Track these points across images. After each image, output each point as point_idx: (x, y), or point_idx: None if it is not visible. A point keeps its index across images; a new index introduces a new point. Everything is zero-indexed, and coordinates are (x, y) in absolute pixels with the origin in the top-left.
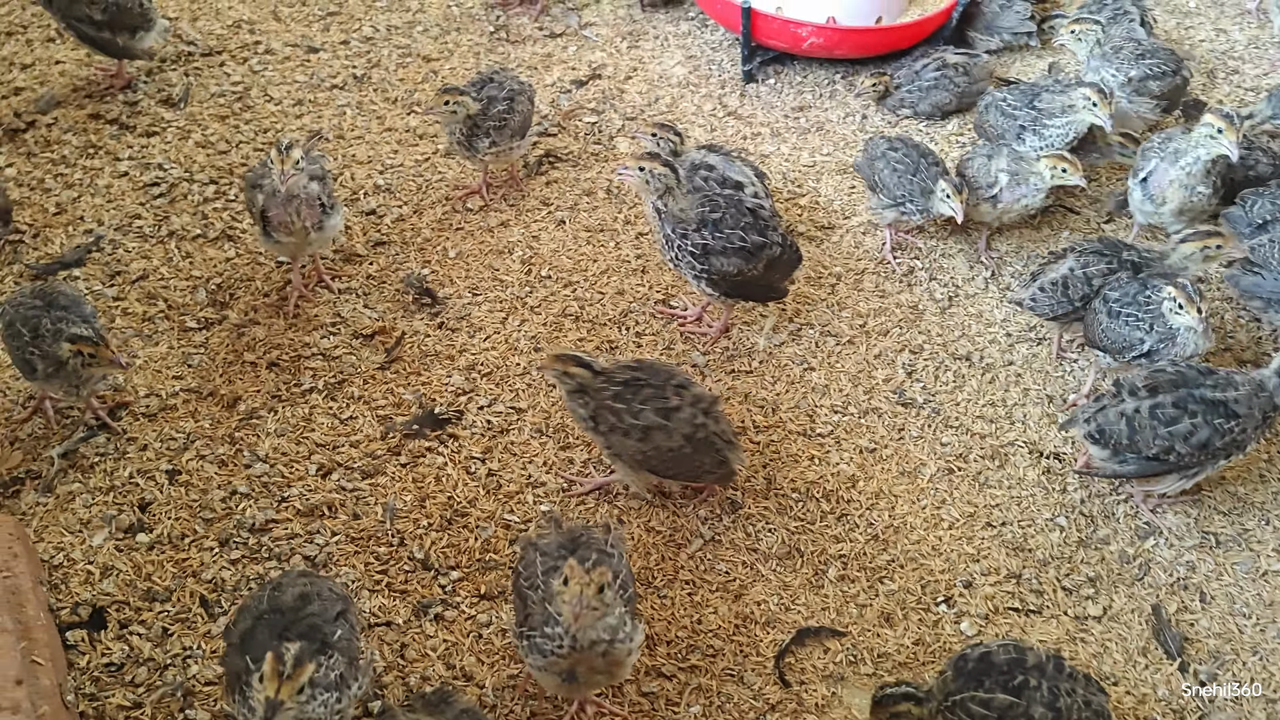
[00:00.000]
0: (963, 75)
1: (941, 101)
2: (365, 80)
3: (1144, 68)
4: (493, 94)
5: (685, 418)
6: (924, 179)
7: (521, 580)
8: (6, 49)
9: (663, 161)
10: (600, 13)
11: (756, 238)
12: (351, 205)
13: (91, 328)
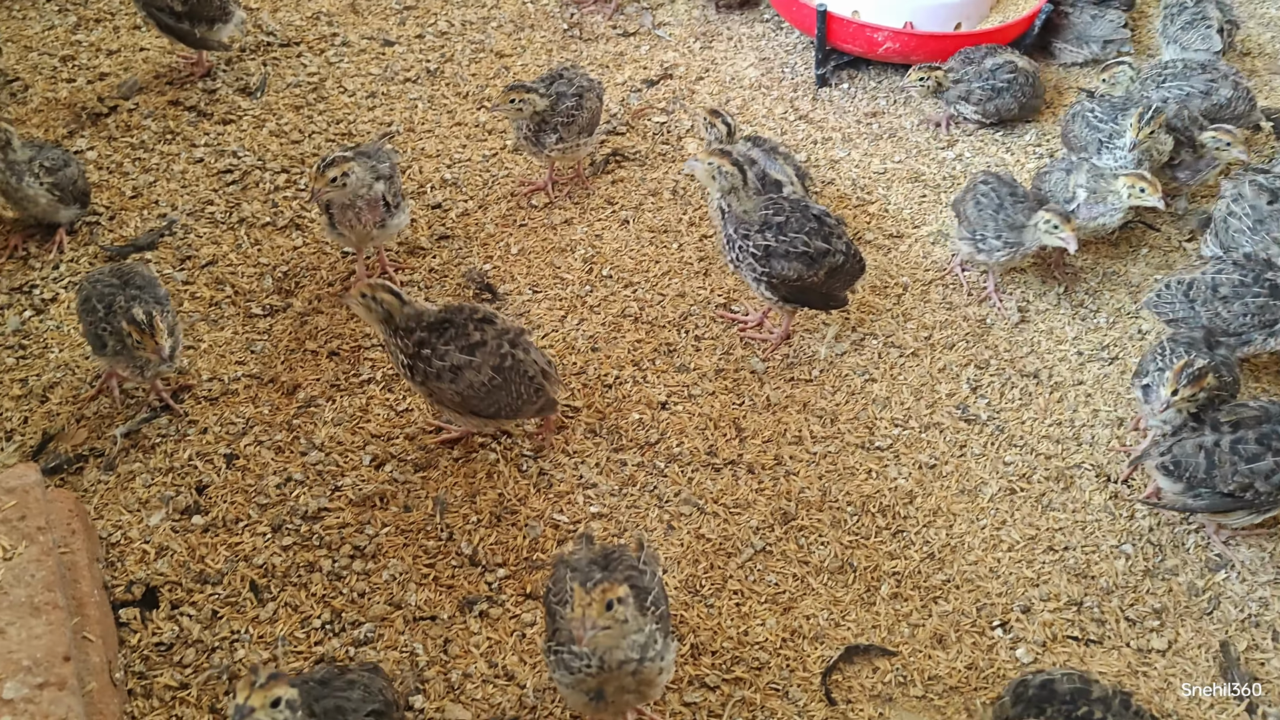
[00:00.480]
0: (1029, 85)
1: (1005, 106)
2: (438, 74)
3: (1189, 86)
4: (561, 90)
5: (490, 350)
6: (1009, 215)
7: (551, 596)
8: (94, 35)
9: (731, 160)
10: (674, 13)
11: (820, 243)
12: (418, 198)
13: (150, 313)
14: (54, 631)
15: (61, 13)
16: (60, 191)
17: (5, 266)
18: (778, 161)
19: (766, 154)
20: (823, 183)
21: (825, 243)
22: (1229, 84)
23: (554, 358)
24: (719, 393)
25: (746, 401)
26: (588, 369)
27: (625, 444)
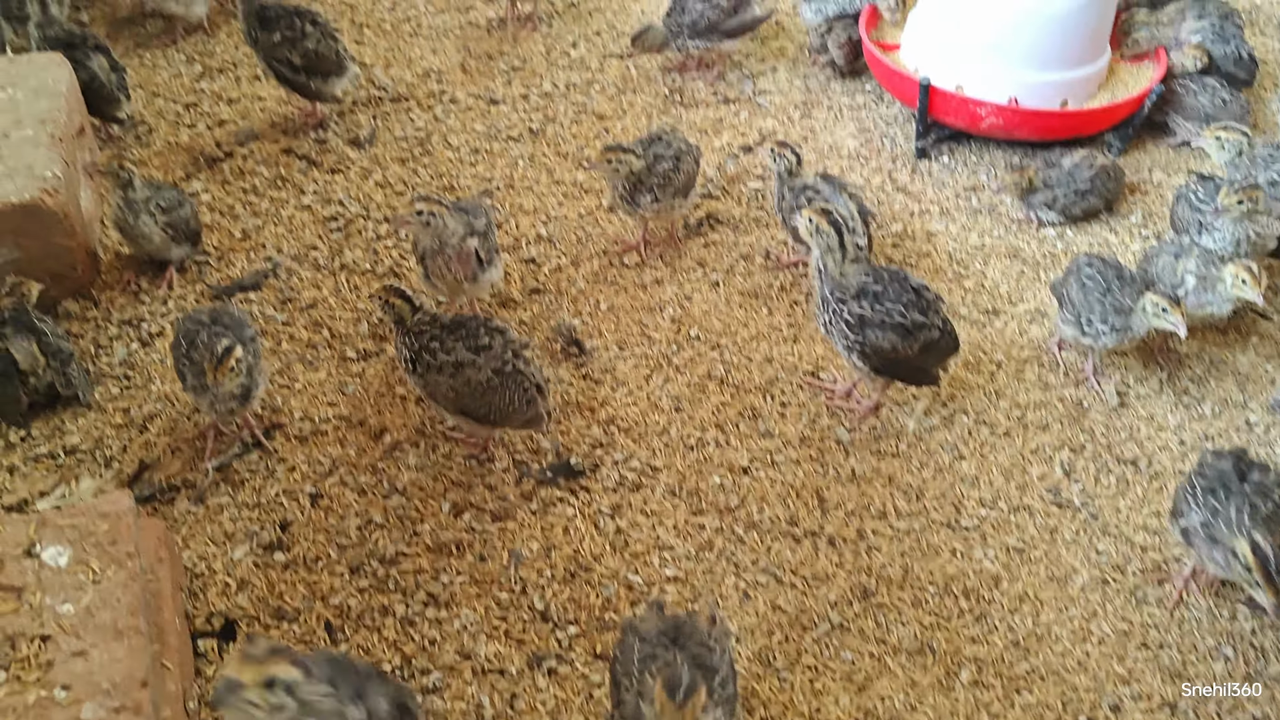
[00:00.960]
0: (1113, 181)
1: (1092, 206)
2: (540, 134)
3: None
4: (659, 152)
5: (495, 353)
6: (1116, 299)
7: (618, 665)
8: (217, 84)
9: (830, 220)
10: (776, 81)
11: (917, 316)
12: (513, 252)
13: (229, 348)
14: (134, 657)
15: (188, 62)
16: (173, 230)
17: (118, 300)
18: (842, 196)
19: (833, 189)
20: (918, 255)
21: (922, 316)
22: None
23: (637, 416)
24: (803, 461)
25: (830, 472)
26: (670, 429)
27: (705, 507)
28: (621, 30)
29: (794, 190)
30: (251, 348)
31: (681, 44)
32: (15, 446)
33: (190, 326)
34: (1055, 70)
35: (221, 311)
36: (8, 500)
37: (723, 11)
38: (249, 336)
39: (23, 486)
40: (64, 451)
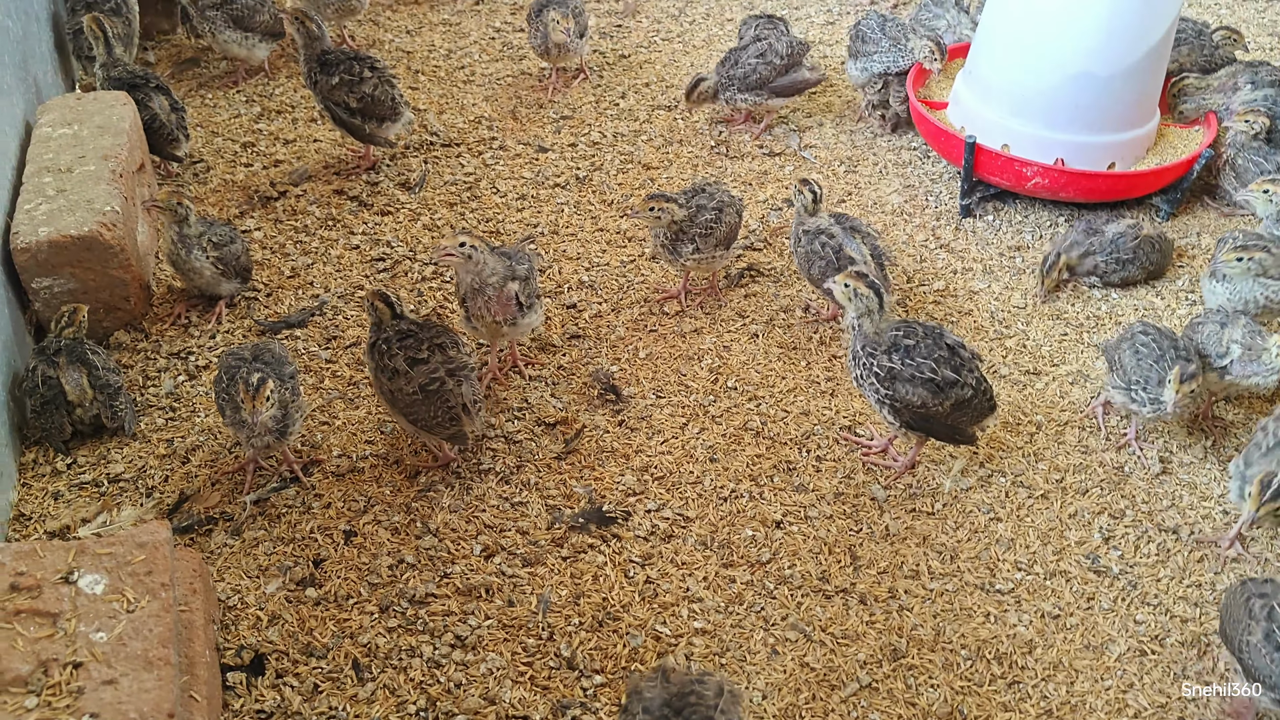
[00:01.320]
0: (1156, 251)
1: (1132, 276)
2: (586, 181)
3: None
4: (702, 203)
5: (425, 370)
6: (1166, 367)
7: None
8: (274, 125)
9: (868, 283)
10: (822, 136)
11: (948, 373)
12: (554, 297)
13: (264, 379)
14: (163, 687)
15: (248, 103)
16: (224, 266)
17: (167, 332)
18: (855, 240)
19: (845, 231)
20: (959, 313)
21: (954, 373)
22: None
23: (672, 464)
24: (836, 517)
25: (864, 529)
26: (704, 479)
27: (736, 560)
28: (670, 83)
29: (809, 233)
30: (289, 384)
31: (730, 97)
32: (61, 473)
33: (232, 362)
34: (1103, 133)
35: (264, 347)
36: (51, 526)
37: (774, 69)
38: (288, 373)
39: (66, 513)
40: (107, 480)
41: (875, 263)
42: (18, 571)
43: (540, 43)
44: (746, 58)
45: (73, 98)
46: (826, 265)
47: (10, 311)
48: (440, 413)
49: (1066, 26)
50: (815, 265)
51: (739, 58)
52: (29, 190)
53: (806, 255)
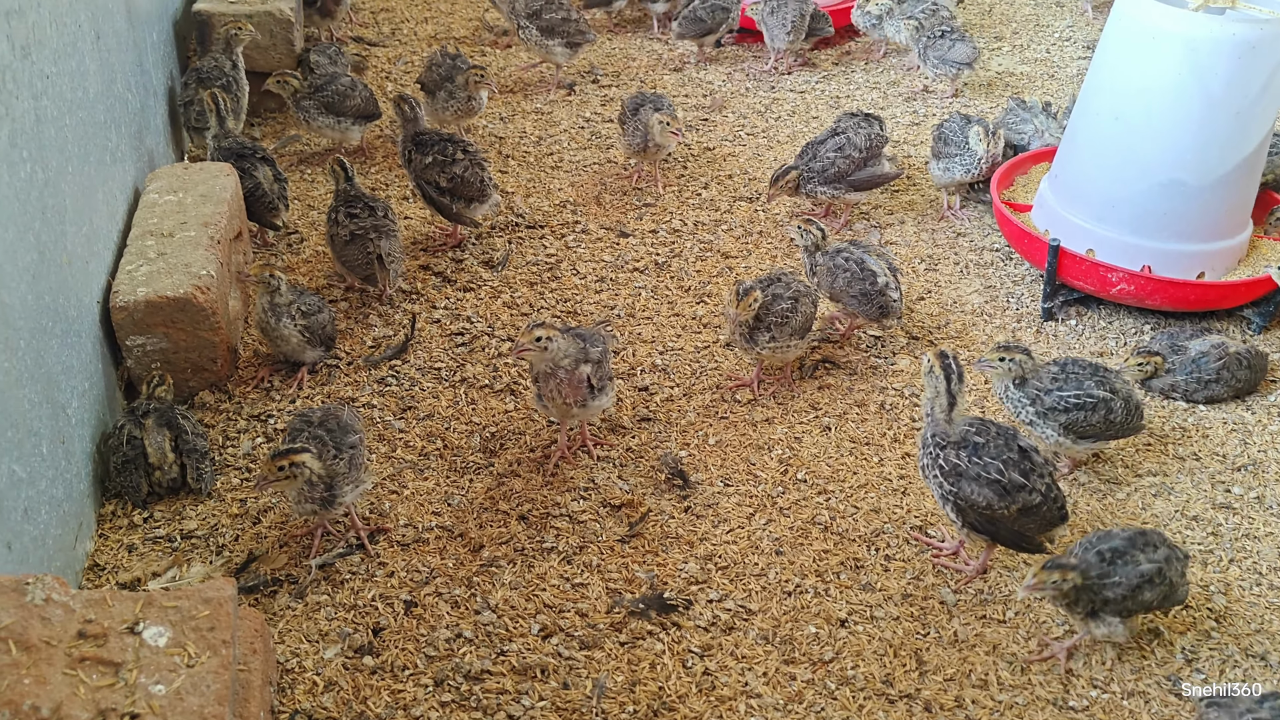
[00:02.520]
0: (1245, 368)
1: (1217, 395)
2: (665, 267)
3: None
4: (778, 292)
5: (359, 223)
6: None
7: None
8: None
9: (944, 365)
10: (903, 233)
11: (1016, 476)
12: (627, 379)
13: (302, 446)
14: None
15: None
16: (310, 334)
17: (250, 395)
18: (873, 256)
19: (864, 251)
20: None
21: (1023, 478)
22: None
23: (736, 555)
24: (903, 619)
25: (932, 633)
26: (769, 572)
27: (797, 657)
28: (753, 176)
29: (828, 254)
30: (346, 455)
31: (811, 189)
32: (138, 527)
33: (297, 424)
34: (1192, 241)
35: (332, 413)
36: (123, 578)
37: (853, 162)
38: (349, 443)
39: (138, 565)
40: (180, 536)
41: (893, 276)
42: (86, 619)
43: (640, 141)
44: (825, 151)
45: (180, 167)
46: (851, 277)
47: (104, 367)
48: (360, 259)
49: (1156, 135)
50: (840, 278)
51: (817, 151)
52: (132, 252)
53: (830, 270)
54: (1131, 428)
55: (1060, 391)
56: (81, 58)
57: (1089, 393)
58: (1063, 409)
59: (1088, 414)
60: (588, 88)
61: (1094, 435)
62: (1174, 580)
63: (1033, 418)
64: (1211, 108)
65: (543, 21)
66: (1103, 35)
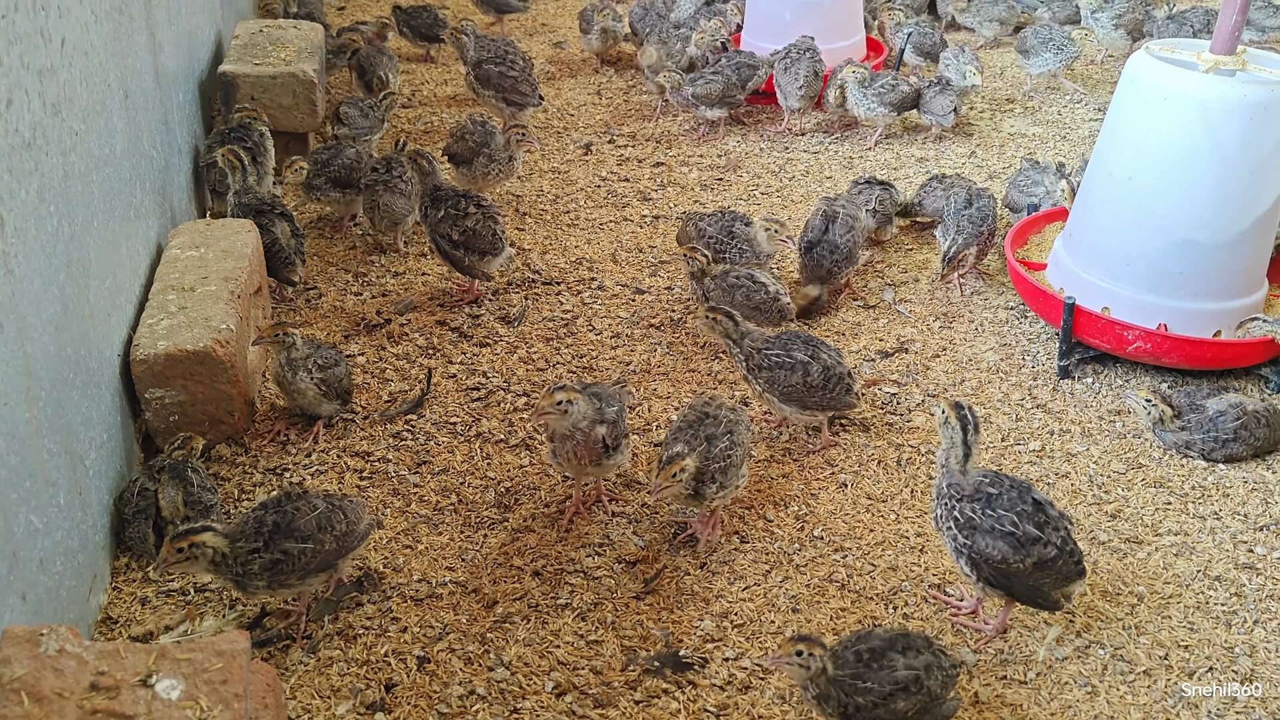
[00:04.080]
0: (1264, 427)
1: (1235, 454)
2: (680, 323)
3: None
4: (711, 433)
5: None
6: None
7: None
8: (386, 258)
9: (960, 415)
10: (917, 291)
11: (1030, 529)
12: (643, 434)
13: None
14: None
15: (363, 236)
16: (327, 388)
17: (266, 449)
18: (758, 270)
19: (747, 268)
20: (1056, 475)
21: (1038, 530)
22: None
23: (753, 612)
24: None
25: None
26: (786, 630)
27: (815, 717)
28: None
29: (714, 277)
30: (335, 533)
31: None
32: (152, 581)
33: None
34: (1208, 300)
35: (339, 501)
36: (135, 630)
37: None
38: (305, 533)
39: (151, 619)
40: (194, 589)
41: (780, 284)
42: (99, 671)
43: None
44: (835, 242)
45: (203, 223)
46: (746, 292)
47: (122, 420)
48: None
49: (1171, 194)
50: (736, 295)
51: (829, 247)
52: (153, 306)
53: (724, 290)
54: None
55: (768, 350)
56: (110, 116)
57: (790, 354)
58: (766, 367)
59: (787, 373)
60: (604, 147)
61: (797, 399)
62: (934, 691)
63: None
64: (1225, 167)
65: (481, 71)
66: (1115, 96)
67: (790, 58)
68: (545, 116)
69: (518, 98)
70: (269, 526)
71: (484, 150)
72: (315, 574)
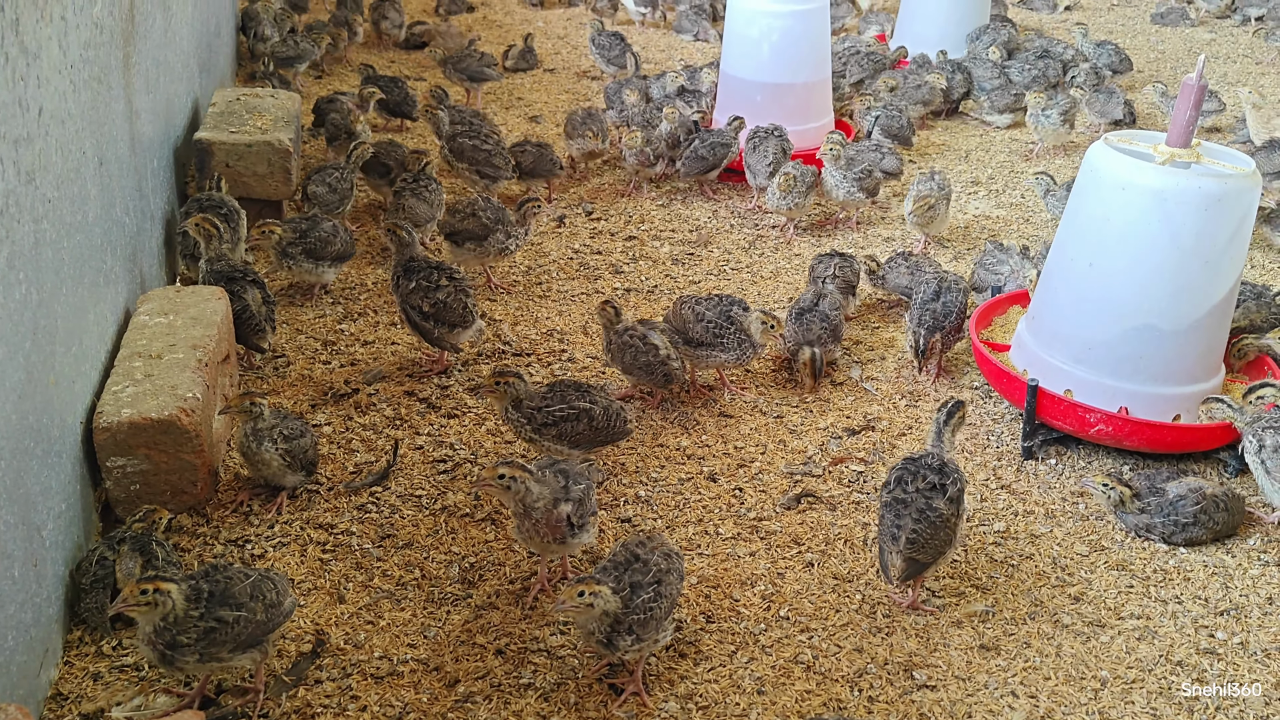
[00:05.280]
0: (1223, 511)
1: (1195, 537)
2: (650, 396)
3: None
4: (637, 580)
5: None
6: None
7: None
8: (356, 326)
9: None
10: (884, 369)
11: None
12: (610, 510)
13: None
14: None
15: (334, 304)
16: (292, 458)
17: (228, 519)
18: (655, 333)
19: (647, 328)
20: (1020, 556)
21: None
22: None
23: (717, 694)
24: None
25: None
26: (750, 713)
27: None
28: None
29: (617, 333)
30: (261, 604)
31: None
32: (106, 655)
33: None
34: (1167, 384)
35: (266, 577)
36: (86, 707)
37: (841, 317)
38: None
39: (103, 695)
40: (149, 665)
41: (673, 349)
42: None
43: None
44: (817, 317)
45: (173, 289)
46: (636, 352)
47: (82, 489)
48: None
49: (1130, 281)
50: (628, 354)
51: (810, 320)
52: (118, 373)
53: (620, 347)
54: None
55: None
56: (84, 183)
57: (571, 405)
58: (552, 423)
59: (574, 423)
60: (578, 220)
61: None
62: None
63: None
64: (1182, 256)
65: (456, 145)
66: (1075, 184)
67: (759, 138)
68: (520, 189)
69: (491, 171)
70: (205, 593)
71: (500, 226)
72: (245, 649)
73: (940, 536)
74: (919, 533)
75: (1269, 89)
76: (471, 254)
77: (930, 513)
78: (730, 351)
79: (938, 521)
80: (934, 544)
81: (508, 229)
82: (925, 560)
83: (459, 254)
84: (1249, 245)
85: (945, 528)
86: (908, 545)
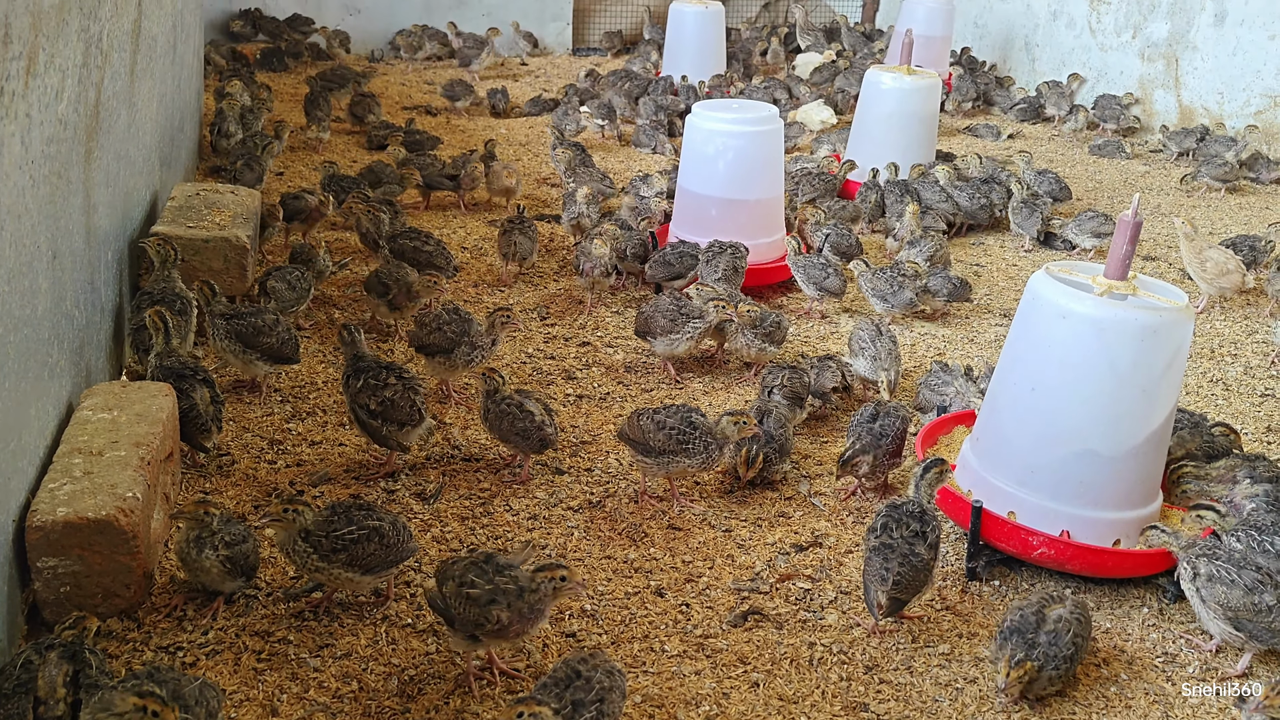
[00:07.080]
0: (1081, 635)
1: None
2: (599, 506)
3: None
4: (579, 699)
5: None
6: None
7: None
8: (304, 425)
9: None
10: (831, 484)
11: None
12: (555, 624)
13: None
14: None
15: (283, 402)
16: (232, 565)
17: (160, 624)
18: (530, 400)
19: (523, 395)
20: (965, 680)
21: None
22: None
23: None
24: None
25: None
26: None
27: None
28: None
29: (495, 400)
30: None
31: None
32: None
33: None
34: (1108, 509)
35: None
36: None
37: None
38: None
39: None
40: None
41: (549, 415)
42: None
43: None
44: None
45: (119, 384)
46: (512, 419)
47: (9, 589)
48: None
49: (1070, 407)
50: (504, 421)
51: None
52: (56, 470)
53: (496, 415)
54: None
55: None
56: (35, 276)
57: (360, 525)
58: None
59: (365, 544)
60: (531, 324)
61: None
62: None
63: None
64: (1120, 384)
65: (396, 245)
66: (1019, 310)
67: (713, 251)
68: (476, 292)
69: (433, 270)
70: None
71: (464, 339)
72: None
73: (920, 578)
74: (903, 575)
75: (1200, 219)
76: (442, 366)
77: (913, 557)
78: (696, 456)
79: (919, 565)
80: (915, 584)
81: (473, 340)
82: (906, 598)
83: (430, 365)
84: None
85: (925, 570)
86: (894, 586)
